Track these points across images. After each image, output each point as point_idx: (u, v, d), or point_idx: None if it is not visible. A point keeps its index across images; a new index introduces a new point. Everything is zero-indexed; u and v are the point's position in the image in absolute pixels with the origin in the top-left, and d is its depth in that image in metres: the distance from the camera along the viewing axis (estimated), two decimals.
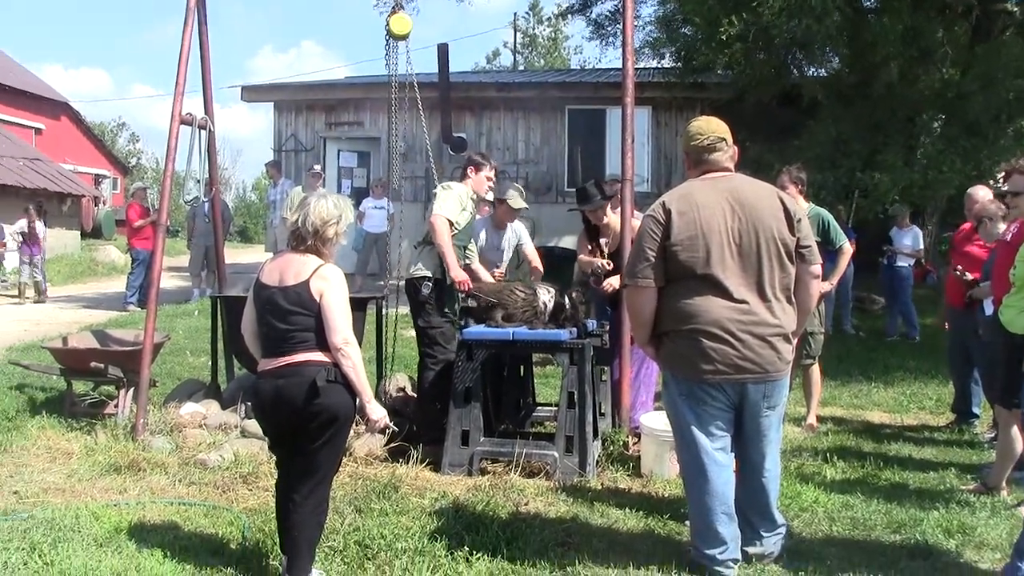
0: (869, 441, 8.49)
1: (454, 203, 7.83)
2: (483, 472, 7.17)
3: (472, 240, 8.40)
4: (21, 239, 20.58)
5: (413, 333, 8.30)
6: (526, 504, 6.41)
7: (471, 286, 7.67)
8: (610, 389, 8.17)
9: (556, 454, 7.09)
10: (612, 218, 8.26)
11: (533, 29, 60.35)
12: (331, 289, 4.81)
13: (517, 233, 9.16)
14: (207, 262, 17.89)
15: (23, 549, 5.30)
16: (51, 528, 5.64)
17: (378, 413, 4.99)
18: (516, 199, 8.82)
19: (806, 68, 17.88)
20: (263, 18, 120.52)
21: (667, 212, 5.04)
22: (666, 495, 6.63)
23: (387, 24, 8.85)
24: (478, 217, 8.58)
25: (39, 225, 20.81)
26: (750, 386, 5.02)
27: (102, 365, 8.27)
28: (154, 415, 8.02)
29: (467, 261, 8.14)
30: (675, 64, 20.38)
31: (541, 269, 8.95)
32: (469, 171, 8.17)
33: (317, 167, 19.10)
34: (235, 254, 9.61)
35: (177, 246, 28.38)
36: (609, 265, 8.15)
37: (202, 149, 9.00)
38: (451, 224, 7.74)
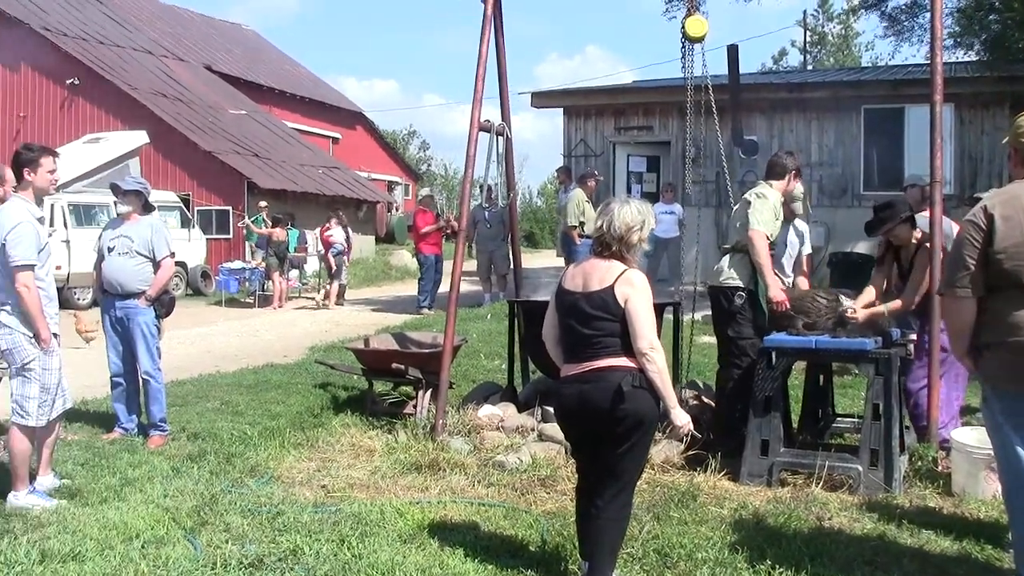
0: None
1: (770, 215, 7.65)
2: (783, 483, 6.98)
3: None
4: (330, 244, 21.86)
5: (705, 339, 8.20)
6: (829, 519, 6.21)
7: (788, 306, 7.49)
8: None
9: (860, 468, 6.83)
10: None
11: (822, 27, 58.67)
12: (636, 294, 4.81)
13: (801, 234, 8.88)
14: (494, 266, 18.35)
15: (333, 541, 5.58)
16: (358, 522, 5.92)
17: (683, 419, 4.96)
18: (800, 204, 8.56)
19: None
20: (548, 25, 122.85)
21: (989, 217, 4.68)
22: (982, 517, 6.22)
23: (682, 26, 8.80)
24: None
25: (346, 231, 22.04)
26: None
27: (403, 366, 8.62)
28: (452, 416, 8.27)
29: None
30: (981, 56, 19.23)
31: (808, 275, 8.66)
32: (790, 178, 7.94)
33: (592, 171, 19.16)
34: (522, 259, 9.83)
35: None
36: (854, 313, 7.60)
37: (499, 155, 9.24)
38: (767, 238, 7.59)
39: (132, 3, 42.30)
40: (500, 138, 9.18)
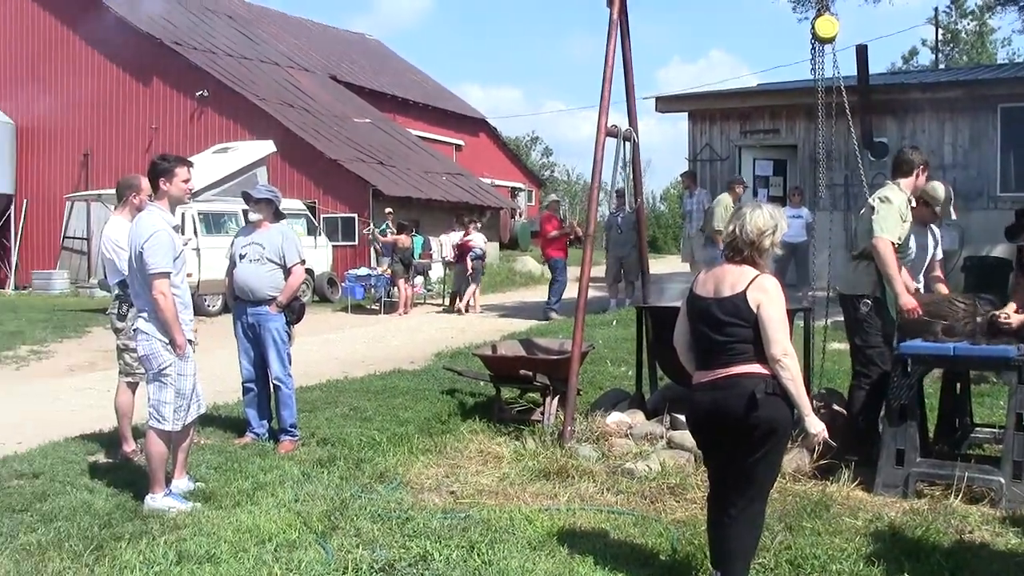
0: None
1: (895, 220, 7.38)
2: (919, 495, 6.78)
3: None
4: (457, 251, 22.07)
5: (836, 345, 8.02)
6: (970, 532, 6.02)
7: (920, 312, 7.26)
8: None
9: (1002, 480, 6.59)
10: None
11: (955, 24, 57.02)
12: (769, 300, 4.73)
13: (936, 237, 8.63)
14: (624, 272, 18.26)
15: (462, 547, 5.62)
16: (487, 528, 5.94)
17: (817, 427, 4.86)
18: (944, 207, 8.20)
19: None
20: (671, 29, 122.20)
21: None
22: None
23: (812, 27, 8.65)
24: None
25: (476, 236, 22.21)
26: None
27: (530, 372, 8.63)
28: (580, 423, 8.24)
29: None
30: None
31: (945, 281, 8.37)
32: (918, 173, 7.68)
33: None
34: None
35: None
36: (1007, 318, 7.25)
37: (626, 161, 9.19)
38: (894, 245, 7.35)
39: (259, 16, 43.43)
40: (627, 143, 9.13)
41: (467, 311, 20.77)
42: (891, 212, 7.39)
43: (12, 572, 5.37)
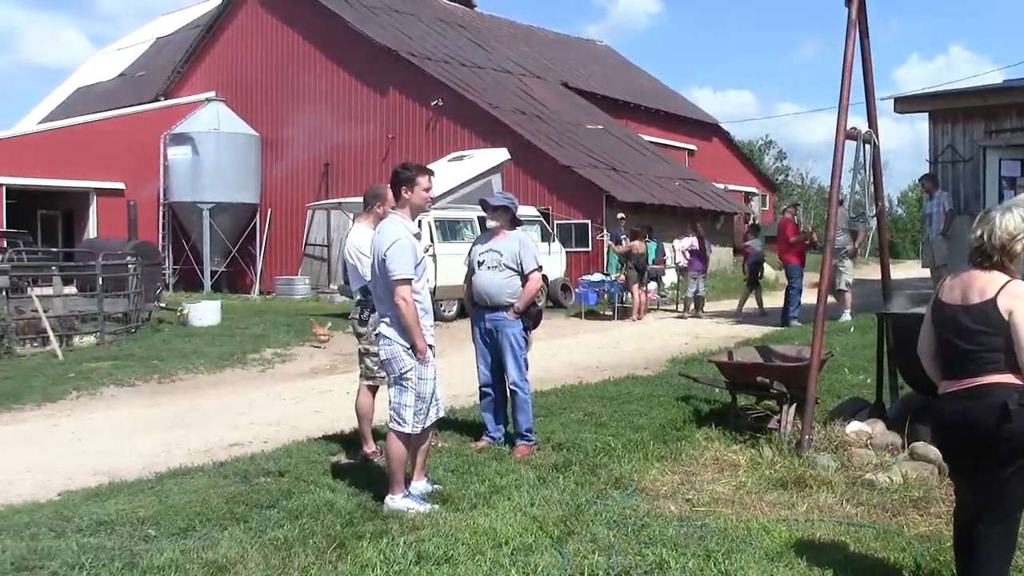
0: None
1: None
2: None
3: None
4: (689, 256, 22.01)
5: None
6: None
7: None
8: None
9: None
10: None
11: None
12: (1021, 306, 4.52)
13: None
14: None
15: (699, 556, 5.58)
16: (724, 538, 5.89)
17: None
18: None
19: None
20: (908, 25, 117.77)
21: None
22: None
23: None
24: None
25: (703, 242, 22.11)
26: None
27: (768, 380, 8.52)
28: (818, 432, 8.08)
29: None
30: None
31: None
32: None
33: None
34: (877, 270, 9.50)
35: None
36: None
37: (866, 163, 8.96)
38: None
39: (491, 26, 44.36)
40: (867, 145, 8.90)
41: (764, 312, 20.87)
42: None
43: (262, 565, 5.66)
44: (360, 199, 8.79)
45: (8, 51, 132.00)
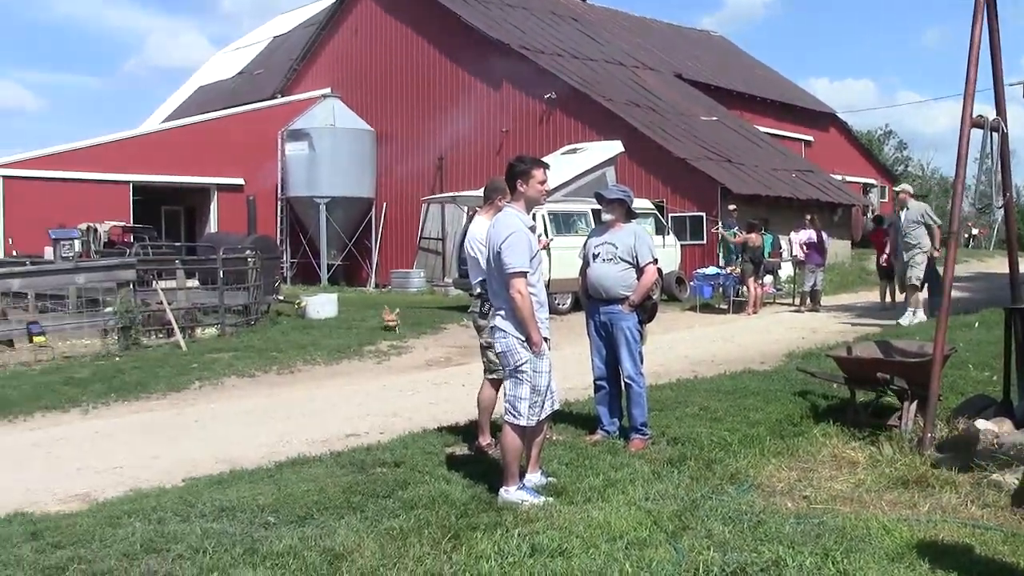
0: None
1: None
2: None
3: None
4: (806, 248, 21.69)
5: None
6: None
7: None
8: None
9: None
10: None
11: None
12: None
13: None
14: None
15: (816, 554, 5.48)
16: (842, 536, 5.78)
17: None
18: None
19: None
20: None
21: None
22: None
23: None
24: None
25: (820, 235, 21.76)
26: None
27: (888, 376, 8.34)
28: (940, 430, 7.90)
29: None
30: None
31: None
32: None
33: None
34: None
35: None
36: None
37: (993, 152, 8.71)
38: None
39: (603, 17, 44.25)
40: (994, 133, 8.65)
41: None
42: None
43: (378, 554, 5.72)
44: (474, 193, 8.84)
45: (135, 53, 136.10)
